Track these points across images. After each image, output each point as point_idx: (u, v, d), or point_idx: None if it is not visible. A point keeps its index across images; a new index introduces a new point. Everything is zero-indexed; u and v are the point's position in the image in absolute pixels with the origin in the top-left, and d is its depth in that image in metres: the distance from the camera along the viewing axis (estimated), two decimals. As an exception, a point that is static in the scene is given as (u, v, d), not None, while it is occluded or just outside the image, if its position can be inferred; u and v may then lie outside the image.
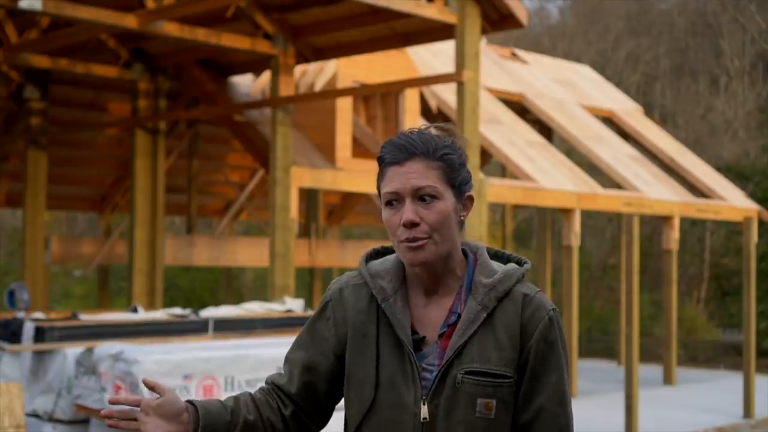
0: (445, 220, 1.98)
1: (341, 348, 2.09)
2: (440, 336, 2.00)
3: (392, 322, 2.01)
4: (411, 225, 1.96)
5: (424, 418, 1.96)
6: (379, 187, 2.04)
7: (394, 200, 1.99)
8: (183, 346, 7.33)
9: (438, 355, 1.99)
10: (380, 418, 2.00)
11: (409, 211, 1.96)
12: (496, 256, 2.12)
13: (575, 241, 12.28)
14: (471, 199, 2.05)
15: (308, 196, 15.90)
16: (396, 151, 1.99)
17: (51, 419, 7.40)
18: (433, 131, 2.05)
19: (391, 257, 2.11)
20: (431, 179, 1.97)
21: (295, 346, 2.16)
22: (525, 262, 2.08)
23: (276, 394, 2.14)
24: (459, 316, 2.00)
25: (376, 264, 2.10)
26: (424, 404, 1.96)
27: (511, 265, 2.07)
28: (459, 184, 2.02)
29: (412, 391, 1.97)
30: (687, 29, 36.14)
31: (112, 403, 1.96)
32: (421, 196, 1.97)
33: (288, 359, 2.16)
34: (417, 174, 1.97)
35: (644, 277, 22.62)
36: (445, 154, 2.00)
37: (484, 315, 1.98)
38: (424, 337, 2.01)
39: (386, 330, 2.03)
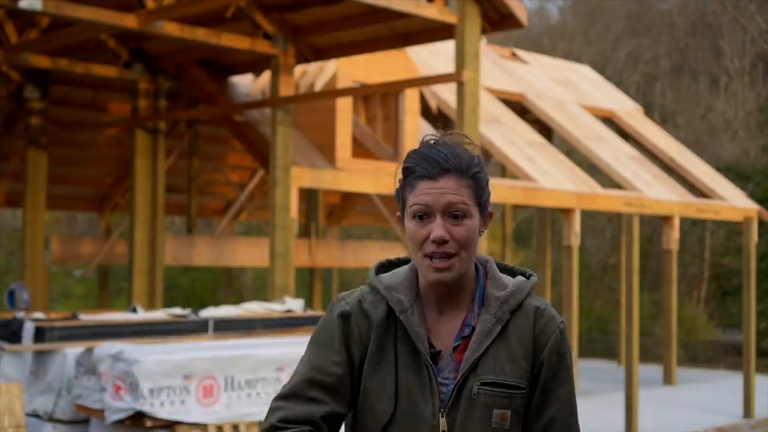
0: (473, 239, 1.99)
1: (362, 360, 2.04)
2: (455, 349, 2.02)
3: (411, 334, 2.01)
4: (442, 242, 1.96)
5: (443, 431, 1.98)
6: (403, 197, 2.03)
7: (424, 214, 1.98)
8: (183, 346, 7.33)
9: (453, 368, 2.01)
10: (398, 430, 2.00)
11: (439, 227, 1.96)
12: (504, 269, 2.14)
13: (575, 241, 12.28)
14: (491, 216, 2.07)
15: (308, 196, 15.90)
16: (428, 166, 1.98)
17: (51, 419, 7.39)
18: (457, 140, 2.02)
19: (401, 270, 2.10)
20: (463, 197, 1.98)
21: (318, 364, 2.03)
22: (532, 275, 2.11)
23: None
24: (473, 329, 2.02)
25: (387, 277, 2.09)
26: (442, 417, 1.98)
27: (520, 279, 2.09)
28: (485, 202, 2.04)
29: (429, 404, 1.98)
30: (687, 29, 36.14)
31: None
32: (452, 214, 1.97)
33: (315, 381, 2.01)
34: (450, 191, 1.97)
35: (644, 277, 22.62)
36: (476, 172, 2.01)
37: (499, 328, 2.01)
38: (440, 351, 2.02)
39: (404, 342, 2.03)
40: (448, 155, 1.99)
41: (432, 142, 2.02)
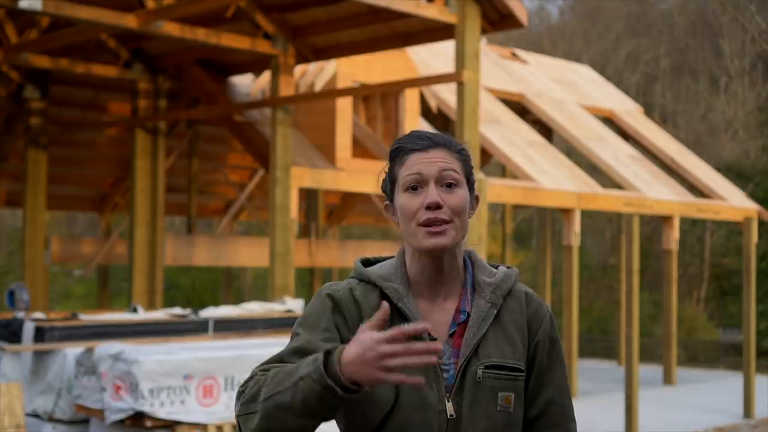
0: (465, 207, 2.03)
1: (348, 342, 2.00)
2: (451, 335, 2.03)
3: (410, 319, 2.02)
4: (436, 207, 1.99)
5: (451, 415, 1.98)
6: (393, 177, 2.06)
7: (417, 184, 2.02)
8: (183, 346, 7.33)
9: (452, 353, 2.01)
10: (403, 418, 1.98)
11: (433, 192, 2.00)
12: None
13: (575, 241, 12.28)
14: (477, 199, 2.12)
15: (308, 196, 15.90)
16: (418, 141, 2.05)
17: (51, 419, 7.40)
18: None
19: (387, 263, 2.11)
20: (454, 166, 2.04)
21: (307, 338, 1.99)
22: (511, 267, 2.17)
23: None
24: (468, 314, 2.04)
25: (375, 269, 2.10)
26: (448, 401, 1.98)
27: (503, 268, 2.15)
28: (472, 181, 2.09)
29: (434, 389, 1.98)
30: (687, 29, 36.15)
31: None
32: (445, 182, 2.02)
33: (303, 349, 1.97)
34: (442, 159, 2.03)
35: (644, 277, 22.63)
36: (463, 149, 2.09)
37: (494, 312, 2.04)
38: (436, 339, 2.02)
39: None
40: (434, 133, 2.08)
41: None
